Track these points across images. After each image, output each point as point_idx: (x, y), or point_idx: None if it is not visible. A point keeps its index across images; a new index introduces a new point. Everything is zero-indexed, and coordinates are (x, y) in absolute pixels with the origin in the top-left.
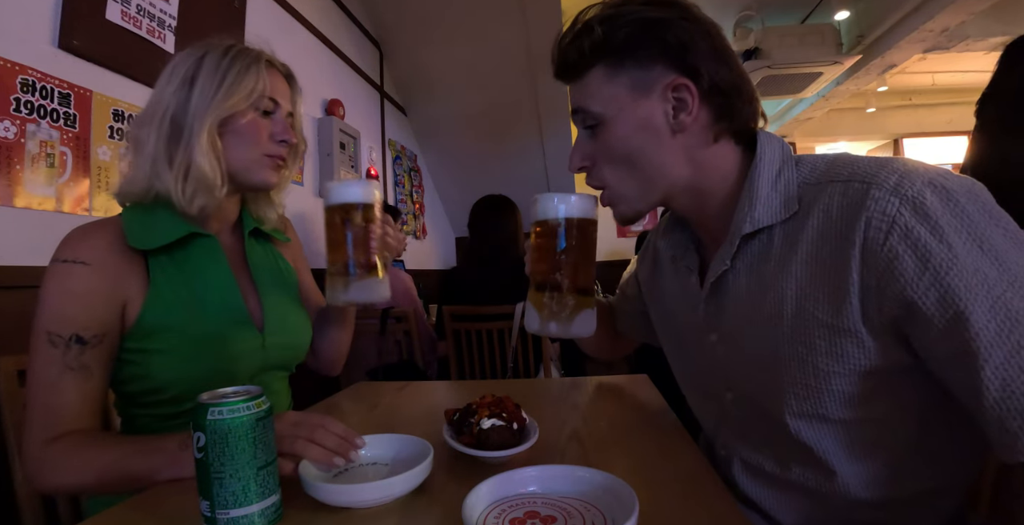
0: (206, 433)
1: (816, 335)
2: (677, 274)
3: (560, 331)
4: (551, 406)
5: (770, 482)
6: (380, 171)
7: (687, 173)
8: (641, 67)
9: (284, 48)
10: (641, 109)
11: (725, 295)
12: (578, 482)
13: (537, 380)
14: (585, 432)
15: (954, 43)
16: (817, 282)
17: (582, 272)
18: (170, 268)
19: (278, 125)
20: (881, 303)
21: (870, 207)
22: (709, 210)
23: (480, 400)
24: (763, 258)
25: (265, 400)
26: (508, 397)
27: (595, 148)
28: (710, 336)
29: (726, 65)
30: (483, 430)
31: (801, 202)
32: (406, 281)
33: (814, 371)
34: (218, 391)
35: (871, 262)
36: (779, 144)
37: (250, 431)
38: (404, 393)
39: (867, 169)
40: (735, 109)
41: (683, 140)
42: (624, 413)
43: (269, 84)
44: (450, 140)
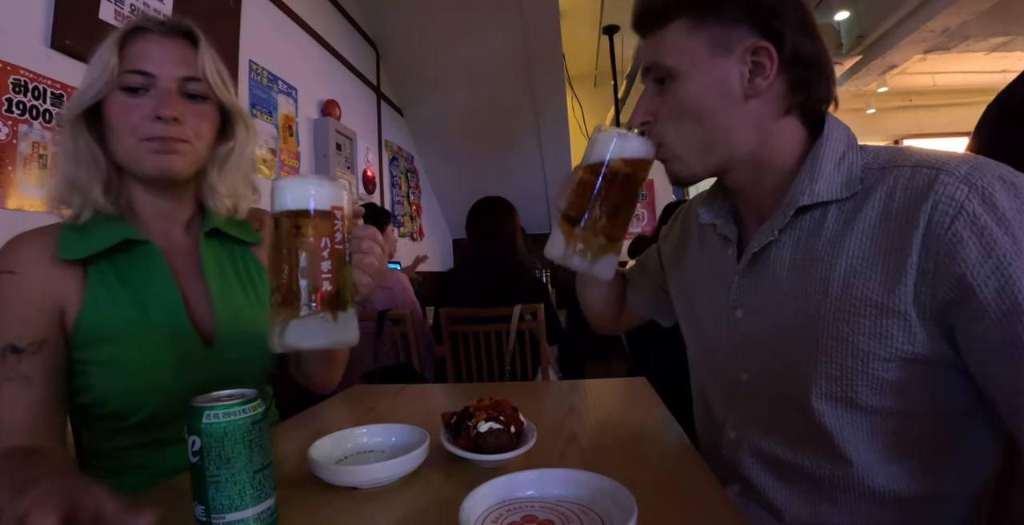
0: (201, 437)
1: (862, 313)
2: (707, 247)
3: (582, 266)
4: (549, 409)
5: (779, 468)
6: (376, 172)
7: (751, 142)
8: (724, 25)
9: (280, 48)
10: (717, 68)
11: (764, 268)
12: (576, 486)
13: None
14: (583, 435)
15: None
16: (871, 261)
17: (621, 215)
18: (110, 275)
19: (153, 100)
20: (936, 287)
21: (938, 191)
22: (763, 183)
23: (477, 403)
24: (813, 233)
25: (260, 403)
26: (506, 400)
27: (661, 103)
28: (736, 312)
29: (810, 37)
30: (480, 433)
31: (863, 184)
32: (401, 281)
33: (853, 351)
34: (212, 394)
35: (933, 245)
36: (846, 130)
37: (246, 434)
38: (401, 396)
39: (937, 157)
40: (812, 83)
41: (754, 107)
42: (623, 416)
43: (136, 54)
44: (447, 141)
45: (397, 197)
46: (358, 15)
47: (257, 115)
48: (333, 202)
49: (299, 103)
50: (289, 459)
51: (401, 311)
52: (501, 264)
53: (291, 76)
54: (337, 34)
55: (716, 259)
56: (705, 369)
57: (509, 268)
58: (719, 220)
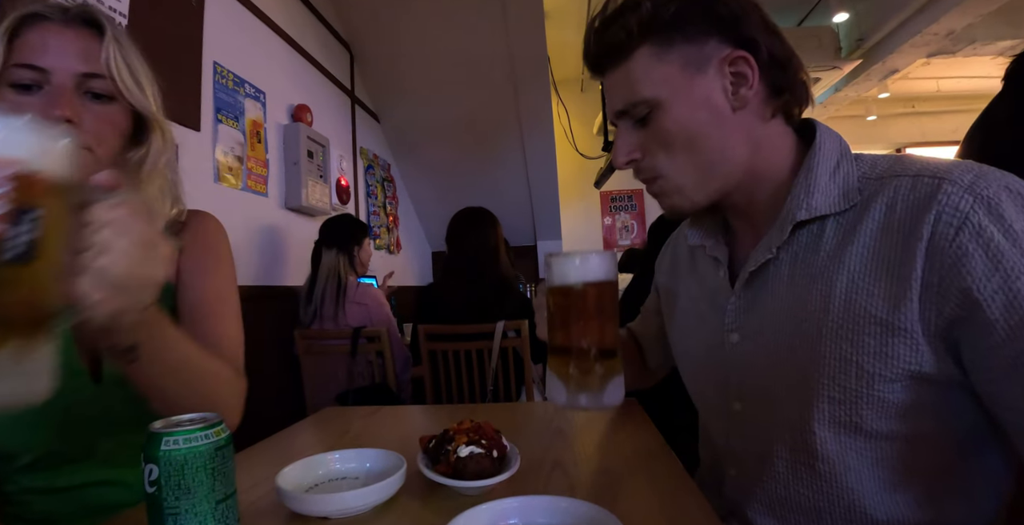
0: (159, 465)
1: (866, 332)
2: (698, 269)
3: (591, 403)
4: (534, 432)
5: (778, 503)
6: (351, 181)
7: (746, 155)
8: (693, 43)
9: (247, 49)
10: (698, 88)
11: (762, 288)
12: (562, 514)
13: (519, 404)
14: (570, 460)
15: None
16: (873, 276)
17: (608, 336)
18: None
19: (45, 99)
20: (942, 303)
21: (941, 201)
22: (757, 197)
23: (457, 426)
24: (812, 249)
25: (224, 427)
26: (488, 422)
27: (646, 137)
28: (731, 336)
29: (777, 36)
30: (460, 458)
31: (861, 195)
32: (376, 297)
33: (857, 372)
34: (172, 419)
35: (937, 258)
36: (837, 138)
37: (208, 462)
38: (376, 418)
39: (939, 166)
40: (791, 81)
41: (742, 118)
42: (612, 439)
43: (29, 45)
44: (426, 149)
45: (373, 207)
46: (331, 15)
47: (223, 120)
48: None
49: (268, 108)
50: (255, 488)
51: (376, 328)
52: (483, 278)
53: (259, 79)
54: (309, 35)
55: (707, 282)
56: (700, 400)
57: (491, 282)
58: (708, 241)
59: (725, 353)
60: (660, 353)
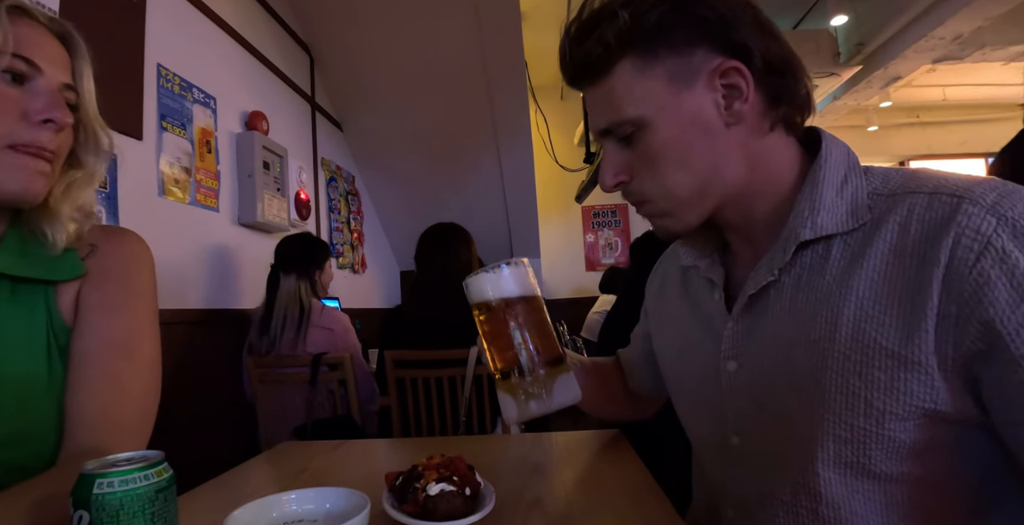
0: (91, 510)
1: (875, 365)
2: (691, 292)
3: (543, 406)
4: (510, 467)
5: None
6: (311, 195)
7: (742, 172)
8: (678, 54)
9: (195, 51)
10: (686, 103)
11: (762, 313)
12: None
13: (494, 437)
14: (549, 498)
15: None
16: (884, 303)
17: (543, 344)
18: None
19: (39, 98)
20: (960, 336)
21: (961, 222)
22: (755, 214)
23: (427, 461)
24: (816, 271)
25: (167, 467)
26: (460, 457)
27: (632, 158)
28: (728, 364)
29: (774, 37)
30: (430, 497)
31: (871, 213)
32: (343, 322)
33: (866, 408)
34: (108, 458)
35: (955, 286)
36: (845, 148)
37: (148, 506)
38: (338, 454)
39: (958, 183)
40: (790, 89)
41: (737, 133)
42: (594, 475)
43: (13, 37)
44: (394, 159)
45: (336, 223)
46: (288, 15)
47: (168, 128)
48: None
49: (219, 115)
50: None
51: (339, 355)
52: (455, 300)
53: (209, 83)
54: (264, 36)
55: (701, 305)
56: (693, 433)
57: (464, 304)
58: (702, 261)
59: (721, 382)
60: (648, 379)
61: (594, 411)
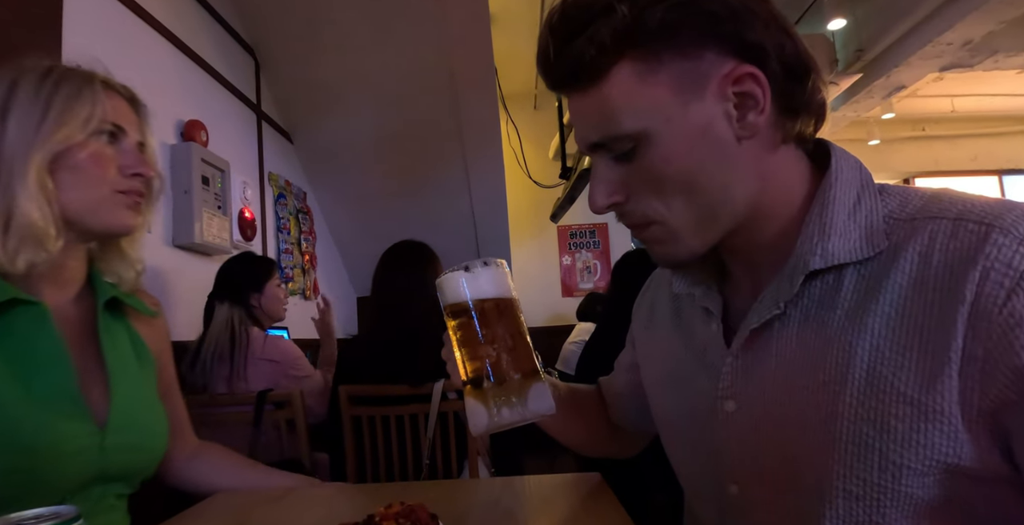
0: None
1: (892, 413)
2: (684, 321)
3: (517, 415)
4: (478, 515)
5: None
6: (257, 213)
7: (753, 191)
8: (685, 57)
9: (121, 52)
10: (694, 115)
11: (765, 349)
12: None
13: (461, 481)
14: None
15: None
16: (903, 344)
17: (519, 349)
18: None
19: (129, 156)
20: (987, 383)
21: (990, 255)
22: (761, 236)
23: (385, 510)
24: (826, 304)
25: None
26: (422, 505)
27: (630, 175)
28: (725, 404)
29: (789, 35)
30: None
31: (888, 239)
32: (289, 352)
33: (880, 462)
34: (12, 516)
35: (983, 326)
36: (857, 164)
37: None
38: (283, 504)
39: (987, 208)
40: (808, 96)
41: (750, 148)
42: (572, 523)
43: (109, 108)
44: (350, 174)
45: (285, 244)
46: (230, 14)
47: None
48: None
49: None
50: None
51: (286, 391)
52: (419, 327)
53: (138, 88)
54: (202, 37)
55: (696, 337)
56: (686, 478)
57: (428, 334)
58: (698, 288)
59: (717, 423)
60: (632, 412)
61: (569, 442)
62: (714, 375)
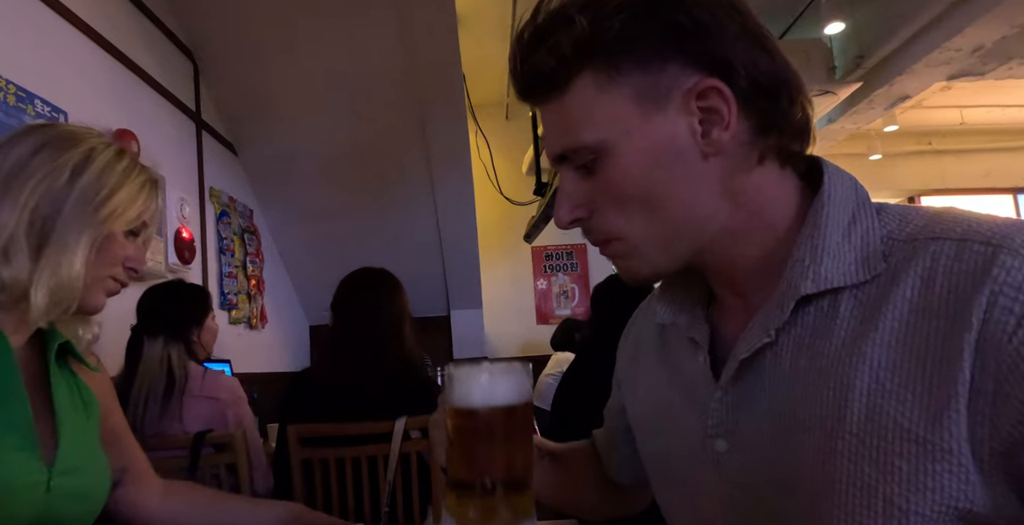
0: None
1: (895, 452)
2: (670, 353)
3: None
4: None
5: None
6: (197, 233)
7: (724, 212)
8: (647, 69)
9: (36, 52)
10: (656, 128)
11: (756, 382)
12: None
13: None
14: None
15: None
16: (905, 375)
17: (518, 468)
18: None
19: (139, 251)
20: (999, 418)
21: (998, 278)
22: (745, 260)
23: None
24: (821, 333)
25: None
26: None
27: (593, 190)
28: (716, 443)
29: (764, 50)
30: None
31: (887, 261)
32: (232, 388)
33: (885, 507)
34: None
35: (991, 356)
36: (851, 182)
37: None
38: None
39: (993, 227)
40: (785, 115)
41: (717, 165)
42: None
43: (149, 208)
44: (303, 190)
45: (228, 268)
46: (164, 13)
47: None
48: None
49: None
50: None
51: (227, 432)
52: (380, 361)
53: (57, 94)
54: (133, 37)
55: (683, 370)
56: (675, 522)
57: (391, 366)
58: (683, 316)
59: (708, 464)
60: (628, 464)
61: (569, 511)
62: (702, 412)
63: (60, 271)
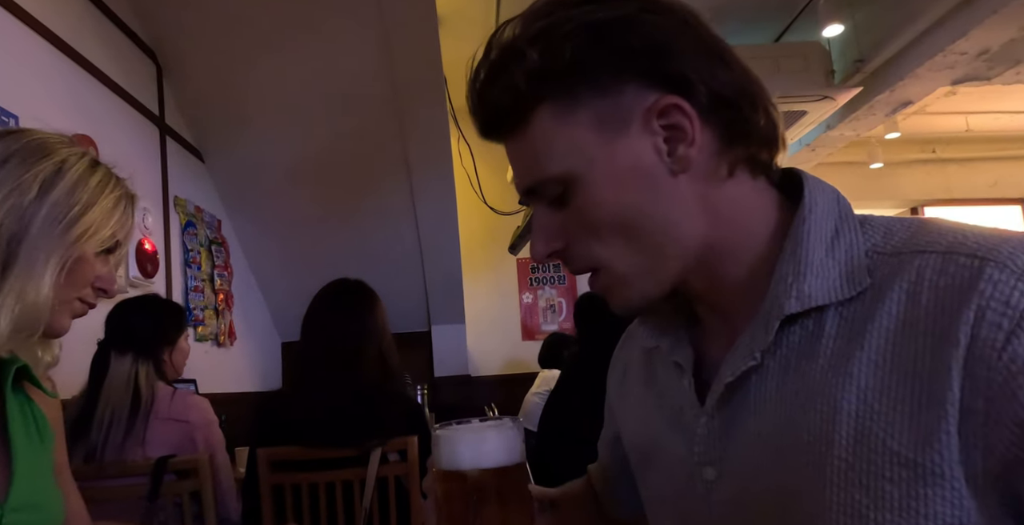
0: None
1: (885, 476)
2: (657, 378)
3: None
4: None
5: None
6: (160, 245)
7: (701, 227)
8: (604, 94)
9: None
10: (620, 153)
11: (742, 405)
12: None
13: None
14: None
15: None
16: (893, 396)
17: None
18: None
19: (111, 272)
20: (991, 438)
21: (985, 292)
22: (726, 279)
23: None
24: (807, 353)
25: None
26: None
27: (566, 221)
28: (705, 472)
29: (722, 62)
30: None
31: (872, 276)
32: (202, 411)
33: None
34: None
35: (980, 373)
36: (833, 193)
37: None
38: None
39: (979, 240)
40: (749, 123)
41: (688, 181)
42: None
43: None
44: (274, 199)
45: (194, 281)
46: (125, 11)
47: None
48: None
49: None
50: None
51: (191, 456)
52: (355, 379)
53: (6, 96)
54: (91, 36)
55: (669, 396)
56: None
57: (367, 385)
58: (665, 339)
59: (698, 494)
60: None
61: None
62: (690, 439)
63: (26, 297)
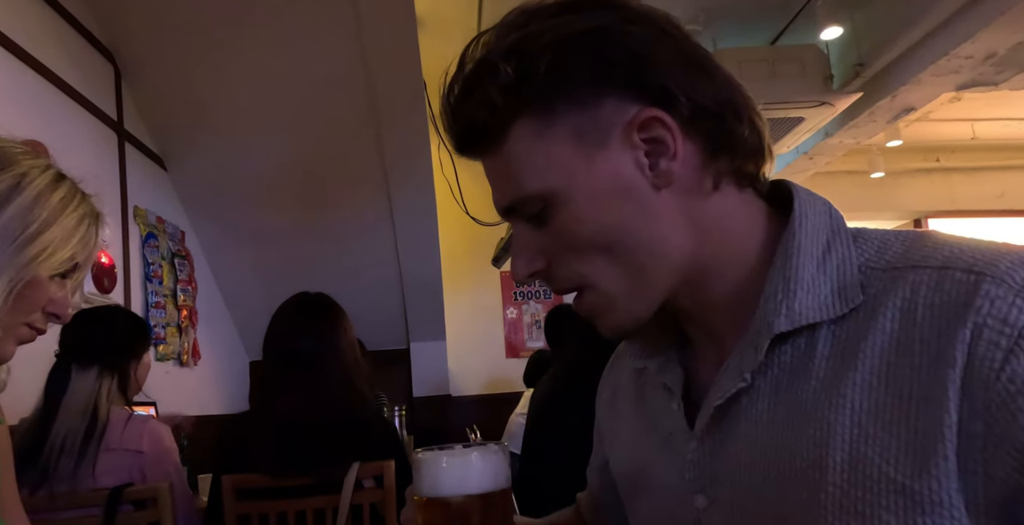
0: None
1: (881, 504)
2: (646, 401)
3: None
4: None
5: None
6: (118, 258)
7: (688, 243)
8: (582, 107)
9: None
10: (600, 168)
11: (733, 428)
12: None
13: None
14: None
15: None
16: (888, 419)
17: None
18: None
19: (65, 296)
20: (991, 463)
21: (982, 309)
22: (714, 297)
23: None
24: (799, 373)
25: None
26: None
27: (547, 239)
28: (696, 500)
29: (704, 72)
30: None
31: (865, 293)
32: (159, 439)
33: None
34: None
35: (978, 395)
36: (825, 206)
37: None
38: None
39: (976, 254)
40: (733, 134)
41: (672, 196)
42: None
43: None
44: (242, 210)
45: (155, 297)
46: (80, 9)
47: None
48: None
49: None
50: None
51: (151, 486)
52: (325, 401)
53: None
54: (43, 36)
55: (658, 419)
56: None
57: (338, 406)
58: (654, 360)
59: (689, 523)
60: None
61: None
62: (680, 465)
63: None
